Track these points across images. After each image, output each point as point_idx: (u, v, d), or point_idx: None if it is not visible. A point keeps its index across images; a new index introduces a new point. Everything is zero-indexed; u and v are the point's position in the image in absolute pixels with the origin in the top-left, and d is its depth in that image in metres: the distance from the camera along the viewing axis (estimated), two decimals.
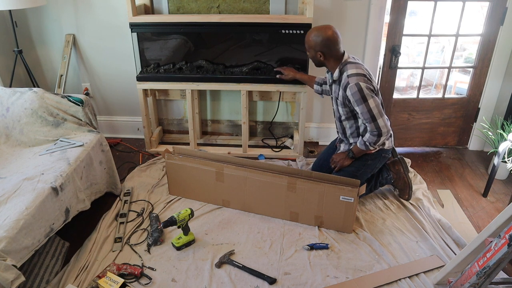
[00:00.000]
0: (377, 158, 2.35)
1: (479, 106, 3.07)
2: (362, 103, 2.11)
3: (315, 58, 2.24)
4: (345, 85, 2.15)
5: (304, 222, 2.31)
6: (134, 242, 2.18)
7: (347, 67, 2.17)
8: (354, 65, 2.17)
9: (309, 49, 2.24)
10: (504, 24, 2.75)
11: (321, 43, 2.16)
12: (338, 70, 2.20)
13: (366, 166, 2.34)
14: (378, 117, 2.14)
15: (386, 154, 2.38)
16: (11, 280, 1.53)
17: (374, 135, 2.18)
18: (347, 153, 2.35)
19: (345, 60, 2.20)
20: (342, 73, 2.19)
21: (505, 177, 2.81)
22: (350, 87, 2.12)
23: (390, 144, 2.36)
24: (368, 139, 2.21)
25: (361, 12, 2.81)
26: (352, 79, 2.12)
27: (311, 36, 2.19)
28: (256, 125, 3.34)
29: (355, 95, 2.11)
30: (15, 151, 2.28)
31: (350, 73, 2.14)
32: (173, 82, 2.89)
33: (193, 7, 2.88)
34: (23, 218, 1.69)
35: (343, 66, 2.20)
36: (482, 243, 1.63)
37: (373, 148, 2.25)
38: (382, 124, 2.15)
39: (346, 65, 2.19)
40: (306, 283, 1.92)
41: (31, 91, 2.36)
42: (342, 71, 2.19)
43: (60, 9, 2.97)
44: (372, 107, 2.12)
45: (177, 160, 2.43)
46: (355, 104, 2.14)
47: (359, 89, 2.10)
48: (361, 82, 2.10)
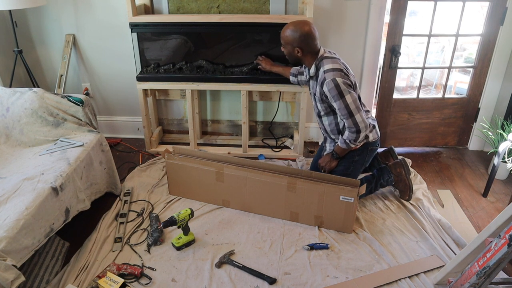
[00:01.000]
0: (364, 152, 2.34)
1: (479, 106, 3.07)
2: (339, 99, 2.10)
3: (292, 54, 2.20)
4: (322, 80, 2.14)
5: (304, 222, 2.31)
6: (134, 242, 2.18)
7: (323, 63, 2.16)
8: (330, 60, 2.15)
9: (286, 45, 2.20)
10: (504, 24, 2.75)
11: (299, 39, 2.13)
12: (315, 66, 2.19)
13: (354, 163, 2.34)
14: (355, 113, 2.12)
15: (373, 147, 2.36)
16: (11, 280, 1.53)
17: (352, 132, 2.17)
18: (331, 154, 2.35)
19: (321, 55, 2.18)
20: (318, 69, 2.18)
21: (505, 177, 2.81)
22: (327, 83, 2.10)
23: (375, 136, 2.34)
24: (348, 137, 2.20)
25: (361, 12, 2.81)
26: (328, 75, 2.10)
27: (288, 31, 2.15)
28: (256, 125, 3.34)
29: (332, 91, 2.09)
30: (15, 151, 2.28)
31: (326, 69, 2.12)
32: (173, 82, 2.89)
33: (193, 7, 2.88)
34: (23, 218, 1.69)
35: (319, 62, 2.18)
36: (482, 243, 1.63)
37: (354, 145, 2.23)
38: (359, 120, 2.14)
39: (322, 61, 2.17)
40: (306, 283, 1.92)
41: (31, 91, 2.36)
42: (319, 67, 2.17)
43: (60, 9, 2.97)
44: (349, 103, 2.10)
45: (177, 160, 2.43)
46: (332, 100, 2.13)
47: (335, 85, 2.08)
48: (338, 78, 2.08)
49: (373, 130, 2.33)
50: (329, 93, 2.12)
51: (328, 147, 2.45)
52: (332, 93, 2.10)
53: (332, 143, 2.42)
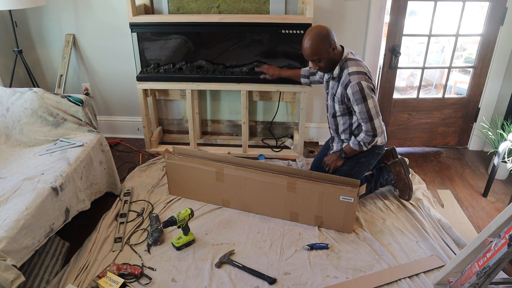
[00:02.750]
0: (370, 155, 2.34)
1: (479, 106, 3.07)
2: (362, 102, 2.10)
3: (330, 58, 2.11)
4: (346, 83, 2.12)
5: (304, 222, 2.31)
6: (134, 242, 2.18)
7: (347, 64, 2.14)
8: (355, 62, 2.14)
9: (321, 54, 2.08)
10: (504, 24, 2.75)
11: (328, 36, 2.06)
12: (339, 67, 2.16)
13: (360, 164, 2.33)
14: (375, 118, 2.14)
15: (379, 150, 2.36)
16: (11, 280, 1.53)
17: (369, 135, 2.18)
18: (339, 153, 2.34)
19: (345, 56, 2.16)
20: (342, 70, 2.15)
21: (505, 177, 2.81)
22: (351, 86, 2.09)
23: (383, 140, 2.34)
24: (363, 139, 2.21)
25: (361, 12, 2.81)
26: (353, 78, 2.09)
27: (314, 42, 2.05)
28: (256, 125, 3.34)
29: (355, 94, 2.09)
30: (15, 151, 2.28)
31: (351, 71, 2.11)
32: (173, 82, 2.89)
33: (193, 7, 2.88)
34: (23, 218, 1.69)
35: (343, 63, 2.15)
36: (482, 243, 1.63)
37: (366, 148, 2.24)
38: (377, 125, 2.16)
39: (346, 62, 2.15)
40: (306, 283, 1.92)
41: (31, 91, 2.36)
42: (343, 68, 2.15)
43: (60, 9, 2.97)
44: (371, 107, 2.11)
45: (177, 160, 2.43)
46: (354, 103, 2.13)
47: (360, 89, 2.08)
48: (363, 81, 2.08)
49: (382, 134, 2.33)
50: (353, 96, 2.10)
51: (335, 147, 2.44)
52: (355, 96, 2.09)
53: (340, 143, 2.41)
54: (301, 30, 2.66)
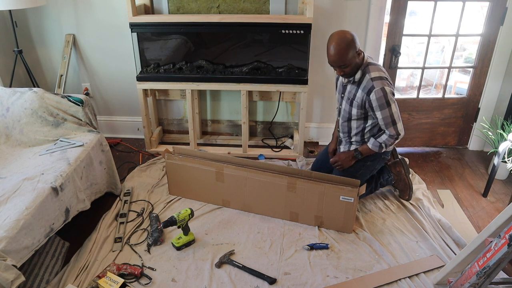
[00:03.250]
0: (377, 159, 2.34)
1: (479, 106, 3.07)
2: (386, 107, 2.09)
3: (355, 62, 2.08)
4: (368, 88, 2.09)
5: (304, 222, 2.31)
6: (134, 242, 2.18)
7: (368, 69, 2.12)
8: (376, 67, 2.13)
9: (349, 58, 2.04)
10: (504, 24, 2.75)
11: (354, 41, 2.04)
12: (360, 72, 2.13)
13: (365, 167, 2.33)
14: (398, 121, 2.14)
15: (386, 156, 2.37)
16: (11, 280, 1.53)
17: (393, 137, 2.17)
18: (354, 153, 2.30)
19: (366, 60, 2.14)
20: (363, 75, 2.13)
21: (505, 177, 2.81)
22: (375, 92, 2.07)
23: (391, 147, 2.36)
24: (385, 141, 2.19)
25: (361, 12, 2.81)
26: (376, 83, 2.07)
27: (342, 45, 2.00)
28: (256, 125, 3.34)
29: (379, 100, 2.07)
30: (15, 151, 2.28)
31: (373, 76, 2.09)
32: (173, 82, 2.89)
33: (193, 7, 2.88)
34: (23, 218, 1.69)
35: (364, 67, 2.13)
36: (482, 243, 1.64)
37: (385, 149, 2.24)
38: (400, 128, 2.16)
39: (367, 67, 2.13)
40: (306, 283, 1.92)
41: (31, 91, 2.36)
42: (364, 73, 2.13)
43: (60, 9, 2.97)
44: (394, 112, 2.11)
45: (177, 160, 2.43)
46: (377, 108, 2.10)
47: (384, 95, 2.06)
48: (386, 87, 2.07)
49: None
50: (376, 102, 2.09)
51: (342, 149, 2.42)
52: (379, 102, 2.08)
53: (347, 145, 2.39)
54: (301, 30, 2.66)
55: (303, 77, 2.82)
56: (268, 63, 2.87)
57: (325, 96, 3.14)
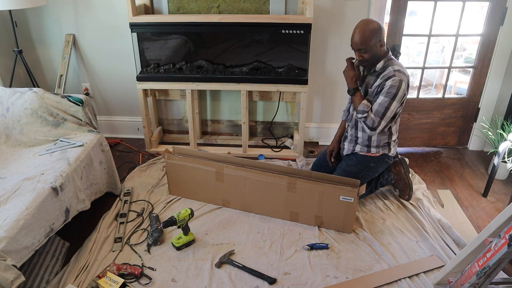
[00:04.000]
0: (380, 162, 2.34)
1: (479, 106, 3.07)
2: (390, 97, 2.10)
3: (376, 50, 2.11)
4: (389, 75, 2.11)
5: (304, 222, 2.31)
6: (134, 242, 2.18)
7: (392, 62, 2.15)
8: (400, 65, 2.16)
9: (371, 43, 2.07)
10: (504, 24, 2.75)
11: (380, 31, 2.08)
12: (383, 62, 2.16)
13: (368, 168, 2.33)
14: (386, 119, 2.14)
15: (389, 160, 2.37)
16: (11, 280, 1.53)
17: (370, 124, 2.16)
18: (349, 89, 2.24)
19: (389, 55, 2.18)
20: (386, 66, 2.15)
21: (505, 177, 2.81)
22: (393, 79, 2.09)
23: (395, 152, 2.37)
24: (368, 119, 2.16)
25: (361, 12, 2.81)
26: (399, 75, 2.10)
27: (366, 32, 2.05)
28: (256, 125, 3.34)
29: (392, 88, 2.09)
30: (15, 151, 2.28)
31: (397, 69, 2.12)
32: (173, 82, 2.89)
33: (193, 7, 2.88)
34: (23, 218, 1.69)
35: (388, 60, 2.17)
36: (482, 243, 1.64)
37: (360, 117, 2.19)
38: (381, 126, 2.16)
39: (391, 60, 2.17)
40: (306, 283, 1.92)
41: (31, 91, 2.36)
42: (387, 65, 2.16)
43: (60, 9, 2.97)
44: (391, 108, 2.12)
45: (177, 160, 2.43)
46: (384, 93, 2.11)
47: (398, 86, 2.08)
48: (404, 83, 2.10)
49: (395, 145, 2.35)
50: (388, 88, 2.10)
51: (347, 146, 2.41)
52: (391, 89, 2.09)
53: (352, 143, 2.38)
54: (301, 30, 2.66)
55: (303, 77, 2.82)
56: (268, 63, 2.87)
57: (325, 96, 3.14)
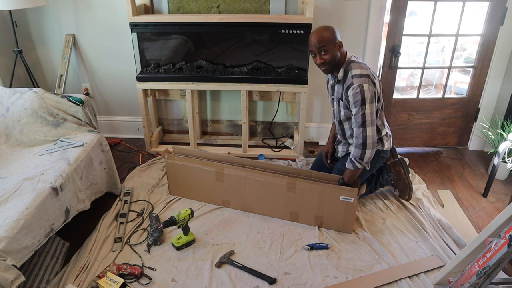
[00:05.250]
0: (375, 158, 2.32)
1: (479, 106, 3.07)
2: (359, 105, 2.04)
3: (335, 53, 2.07)
4: (348, 85, 2.08)
5: (304, 222, 2.31)
6: (134, 242, 2.18)
7: (351, 67, 2.10)
8: (358, 65, 2.10)
9: (329, 45, 2.03)
10: (504, 24, 2.75)
11: (336, 33, 2.05)
12: (343, 70, 2.12)
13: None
14: (368, 125, 2.05)
15: (385, 154, 2.35)
16: (11, 280, 1.53)
17: (359, 148, 2.08)
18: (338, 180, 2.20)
19: (348, 58, 2.12)
20: (346, 73, 2.11)
21: (505, 177, 2.81)
22: (352, 88, 2.04)
23: (389, 145, 2.34)
24: (353, 154, 2.10)
25: (361, 12, 2.81)
26: (356, 80, 2.05)
27: (324, 32, 2.03)
28: (256, 125, 3.34)
29: (355, 96, 2.04)
30: (15, 151, 2.28)
31: (354, 73, 2.07)
32: (173, 82, 2.89)
33: (193, 7, 2.88)
34: (23, 218, 1.69)
35: (347, 65, 2.12)
36: (482, 243, 1.64)
37: (360, 165, 2.11)
38: (369, 134, 2.05)
39: (350, 64, 2.11)
40: (306, 283, 1.92)
41: (31, 91, 2.36)
42: (347, 71, 2.11)
43: (60, 9, 2.97)
44: (367, 113, 2.04)
45: (177, 160, 2.43)
46: (353, 105, 2.07)
47: (360, 91, 2.02)
48: (365, 84, 2.03)
49: (389, 139, 2.32)
50: (352, 98, 2.05)
51: (341, 149, 2.40)
52: (355, 98, 2.04)
53: (346, 145, 2.37)
54: (301, 30, 2.66)
55: (303, 77, 2.82)
56: (268, 63, 2.87)
57: (325, 96, 3.14)
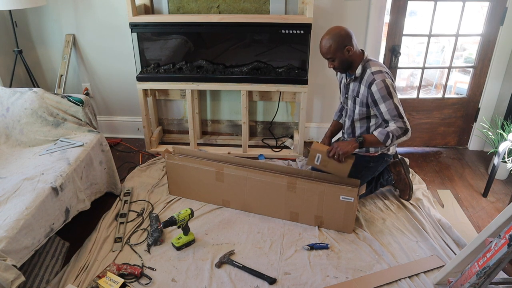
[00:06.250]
0: (379, 161, 2.33)
1: (479, 106, 3.07)
2: (389, 99, 2.05)
3: (344, 59, 2.09)
4: (369, 82, 2.09)
5: (304, 222, 2.31)
6: (134, 242, 2.18)
7: (369, 64, 2.13)
8: (377, 63, 2.14)
9: (336, 52, 2.06)
10: (504, 24, 2.75)
11: (345, 37, 2.06)
12: (361, 67, 2.13)
13: (367, 168, 2.33)
14: (403, 114, 2.08)
15: (388, 158, 2.36)
16: (11, 280, 1.53)
17: (402, 129, 2.06)
18: (356, 138, 2.14)
19: (366, 57, 2.15)
20: (365, 70, 2.13)
21: (505, 177, 2.81)
22: (376, 83, 2.06)
23: (394, 150, 2.36)
24: (393, 131, 2.06)
25: (361, 12, 2.81)
26: (378, 76, 2.07)
27: (327, 41, 2.05)
28: (256, 125, 3.34)
29: (381, 91, 2.05)
30: (15, 151, 2.28)
31: (374, 70, 2.09)
32: (173, 82, 2.89)
33: (193, 7, 2.88)
34: (23, 218, 1.69)
35: (365, 63, 2.14)
36: (482, 243, 1.64)
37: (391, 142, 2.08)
38: (408, 123, 2.08)
39: (368, 62, 2.14)
40: (306, 283, 1.92)
41: (31, 91, 2.36)
42: (365, 68, 2.13)
43: (60, 9, 2.97)
44: (397, 104, 2.07)
45: (177, 160, 2.43)
46: (380, 100, 2.07)
47: (385, 86, 2.05)
48: (387, 79, 2.06)
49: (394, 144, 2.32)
50: (378, 93, 2.06)
51: None
52: (381, 93, 2.05)
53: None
54: (301, 30, 2.66)
55: (303, 77, 2.82)
56: (268, 63, 2.87)
57: (325, 96, 3.14)
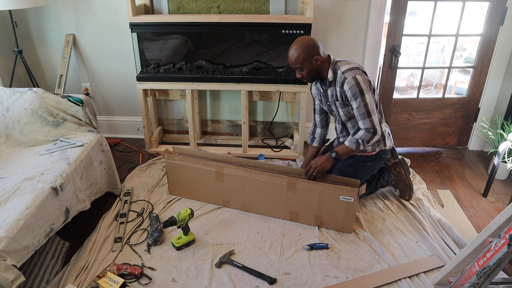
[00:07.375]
0: (377, 159, 2.33)
1: (479, 106, 3.07)
2: (360, 96, 2.07)
3: (312, 68, 2.12)
4: (341, 82, 2.11)
5: (304, 222, 2.31)
6: (134, 242, 2.18)
7: (338, 65, 2.14)
8: (345, 62, 2.15)
9: (303, 64, 2.09)
10: (504, 24, 2.75)
11: (313, 47, 2.08)
12: (331, 71, 2.15)
13: (365, 167, 2.33)
14: (373, 113, 2.10)
15: (386, 155, 2.36)
16: (11, 280, 1.53)
17: (370, 132, 2.12)
18: (329, 154, 2.22)
19: (333, 60, 2.17)
20: (335, 72, 2.15)
21: (505, 177, 2.81)
22: (347, 82, 2.07)
23: (390, 144, 2.34)
24: (362, 136, 2.13)
25: (361, 12, 2.81)
26: (348, 74, 2.09)
27: (295, 51, 2.08)
28: (256, 125, 3.34)
29: (352, 89, 2.07)
30: (15, 151, 2.28)
31: (344, 70, 2.11)
32: (173, 82, 2.89)
33: (193, 7, 2.88)
34: (23, 218, 1.69)
35: (334, 66, 2.16)
36: (482, 243, 1.64)
37: (363, 147, 2.16)
38: (376, 122, 2.12)
39: (336, 64, 2.15)
40: (306, 283, 1.92)
41: (31, 91, 2.36)
42: (335, 70, 2.15)
43: (60, 9, 2.97)
44: (369, 102, 2.08)
45: (177, 160, 2.43)
46: (352, 98, 2.09)
47: (356, 82, 2.06)
48: (358, 75, 2.07)
49: (389, 138, 2.33)
50: (350, 91, 2.08)
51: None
52: (352, 91, 2.07)
53: None
54: (301, 30, 2.66)
55: None
56: (268, 63, 2.87)
57: None
